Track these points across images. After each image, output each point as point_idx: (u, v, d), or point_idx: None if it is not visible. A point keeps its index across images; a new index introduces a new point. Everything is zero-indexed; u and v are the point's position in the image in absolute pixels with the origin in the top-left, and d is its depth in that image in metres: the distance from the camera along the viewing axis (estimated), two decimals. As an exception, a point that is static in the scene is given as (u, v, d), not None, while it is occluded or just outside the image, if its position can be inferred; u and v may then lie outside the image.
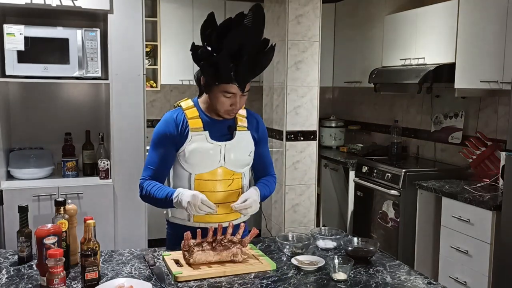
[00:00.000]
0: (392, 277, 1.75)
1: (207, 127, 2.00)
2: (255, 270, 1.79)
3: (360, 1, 4.63)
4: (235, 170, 2.03)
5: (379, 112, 4.91)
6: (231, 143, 2.01)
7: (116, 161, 3.35)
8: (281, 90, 4.12)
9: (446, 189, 3.22)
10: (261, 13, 1.90)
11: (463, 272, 3.05)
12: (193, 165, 1.98)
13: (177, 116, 2.01)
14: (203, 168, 1.98)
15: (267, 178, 2.18)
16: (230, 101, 1.94)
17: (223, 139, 2.01)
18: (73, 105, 3.65)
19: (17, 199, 3.01)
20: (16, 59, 3.10)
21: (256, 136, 2.12)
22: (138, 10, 3.32)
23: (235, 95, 1.93)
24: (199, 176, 1.99)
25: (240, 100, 1.95)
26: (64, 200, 1.78)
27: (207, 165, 1.98)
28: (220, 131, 2.02)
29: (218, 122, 2.03)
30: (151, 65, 4.80)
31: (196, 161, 1.97)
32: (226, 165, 2.00)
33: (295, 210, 4.20)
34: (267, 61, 1.97)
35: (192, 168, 1.98)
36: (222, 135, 2.02)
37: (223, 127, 2.03)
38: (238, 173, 2.05)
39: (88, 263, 1.60)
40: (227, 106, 1.95)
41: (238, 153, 2.03)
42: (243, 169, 2.07)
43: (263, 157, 2.18)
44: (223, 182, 2.01)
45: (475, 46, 3.26)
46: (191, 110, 2.02)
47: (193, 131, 1.98)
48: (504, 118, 3.43)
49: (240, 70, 1.86)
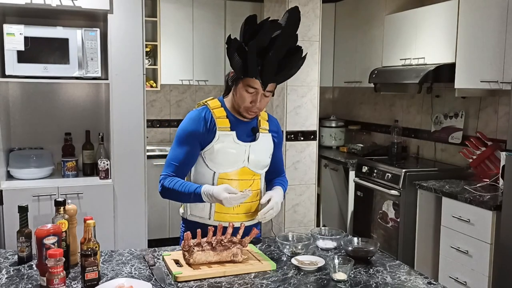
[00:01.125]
0: (392, 277, 1.75)
1: (233, 127, 2.03)
2: (255, 270, 1.79)
3: (360, 1, 4.63)
4: (255, 171, 2.08)
5: (379, 112, 4.91)
6: (255, 144, 2.06)
7: (116, 161, 3.35)
8: (281, 90, 4.12)
9: (446, 189, 3.22)
10: (296, 16, 1.93)
11: (463, 272, 3.05)
12: (219, 164, 2.01)
13: (205, 115, 2.02)
14: (228, 167, 2.01)
15: (282, 179, 2.25)
16: (251, 97, 1.97)
17: (247, 140, 2.06)
18: (73, 105, 3.65)
19: (17, 199, 3.01)
20: (16, 59, 3.10)
21: (276, 139, 2.17)
22: (138, 10, 3.31)
23: (257, 92, 1.96)
24: (223, 175, 2.02)
25: (261, 99, 1.98)
26: (64, 200, 1.78)
27: (232, 164, 2.02)
28: (245, 131, 2.06)
29: (243, 123, 2.06)
30: (151, 65, 4.80)
31: (222, 160, 2.00)
32: (249, 165, 2.05)
33: (295, 210, 4.20)
34: (295, 67, 1.99)
35: (217, 167, 2.01)
36: (246, 136, 2.06)
37: (247, 128, 2.07)
38: (258, 174, 2.10)
39: (88, 263, 1.60)
40: (247, 103, 1.98)
41: (260, 155, 2.08)
42: (262, 170, 2.12)
43: (278, 159, 2.23)
44: (244, 182, 2.05)
45: (475, 46, 3.26)
46: (219, 110, 2.04)
47: (220, 130, 2.00)
48: (504, 118, 3.43)
49: (265, 65, 1.89)
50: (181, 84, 4.91)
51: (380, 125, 4.88)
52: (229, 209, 2.02)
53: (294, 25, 1.93)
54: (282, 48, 1.90)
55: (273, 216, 2.05)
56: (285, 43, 1.90)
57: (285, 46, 1.91)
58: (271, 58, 1.88)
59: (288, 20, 1.90)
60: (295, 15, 1.92)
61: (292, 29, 1.93)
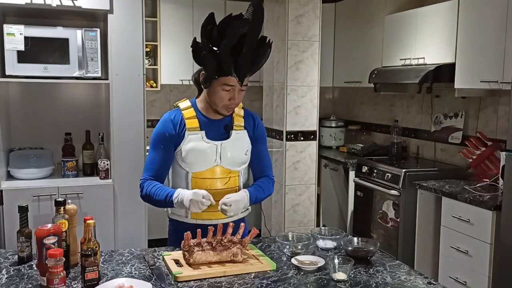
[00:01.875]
0: (392, 277, 1.75)
1: (203, 126, 2.05)
2: (255, 270, 1.79)
3: (360, 1, 4.63)
4: (231, 169, 2.08)
5: (379, 112, 4.91)
6: (227, 142, 2.06)
7: (116, 161, 3.35)
8: (281, 90, 4.12)
9: (446, 189, 3.22)
10: (260, 9, 1.95)
11: (463, 272, 3.05)
12: (190, 164, 2.03)
13: (174, 117, 2.06)
14: (200, 166, 2.03)
15: (262, 180, 2.18)
16: (229, 95, 1.98)
17: (219, 138, 2.06)
18: (73, 105, 3.65)
19: (17, 199, 3.01)
20: (16, 59, 3.10)
21: (252, 135, 2.15)
22: (138, 10, 3.31)
23: (233, 89, 1.97)
24: (196, 174, 2.04)
25: (238, 95, 1.99)
26: (64, 200, 1.78)
27: (203, 163, 2.03)
28: (217, 130, 2.07)
29: (215, 121, 2.07)
30: (151, 65, 4.80)
31: (193, 160, 2.02)
32: (223, 163, 2.05)
33: (295, 210, 4.20)
34: (264, 57, 2.01)
35: (189, 166, 2.03)
36: (219, 134, 2.06)
37: (220, 127, 2.08)
38: (235, 171, 2.09)
39: (88, 263, 1.60)
40: (225, 101, 1.99)
41: (234, 152, 2.07)
42: (239, 168, 2.11)
43: (261, 157, 2.19)
44: (219, 180, 2.05)
45: (475, 46, 3.26)
46: (188, 111, 2.07)
47: (189, 131, 2.03)
48: (504, 118, 3.43)
49: (240, 62, 1.92)
50: (181, 84, 4.91)
51: (380, 125, 4.88)
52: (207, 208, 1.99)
53: (260, 18, 1.95)
54: (253, 42, 1.93)
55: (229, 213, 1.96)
56: (255, 37, 1.93)
57: (255, 39, 1.94)
58: (246, 54, 1.91)
59: (253, 13, 1.93)
60: (259, 8, 1.95)
61: (259, 21, 1.95)
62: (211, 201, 1.92)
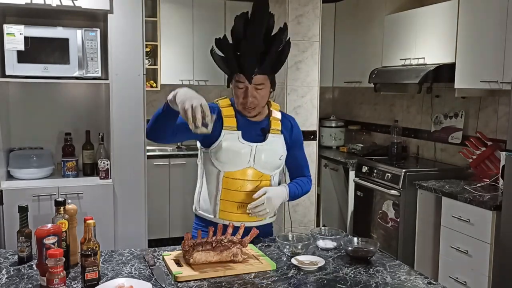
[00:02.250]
0: (392, 277, 1.75)
1: (241, 126, 2.04)
2: (255, 270, 1.78)
3: (360, 1, 4.63)
4: (264, 172, 2.07)
5: (379, 112, 4.91)
6: (262, 145, 2.05)
7: (116, 161, 3.35)
8: (281, 90, 4.12)
9: (446, 189, 3.22)
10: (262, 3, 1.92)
11: (463, 272, 3.05)
12: (223, 162, 2.02)
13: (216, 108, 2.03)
14: (232, 166, 2.02)
15: (301, 179, 2.22)
16: (243, 93, 1.99)
17: (255, 140, 2.05)
18: (73, 105, 3.65)
19: (17, 199, 3.00)
20: (16, 59, 3.10)
21: (289, 140, 2.16)
22: (138, 10, 3.31)
23: (246, 87, 1.97)
24: (228, 174, 2.03)
25: (252, 93, 1.97)
26: (64, 200, 1.78)
27: (237, 164, 2.02)
28: (254, 132, 2.07)
29: (253, 123, 2.08)
30: (151, 65, 4.80)
31: (226, 159, 2.01)
32: (256, 166, 2.04)
33: (295, 210, 4.20)
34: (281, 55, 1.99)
35: (222, 165, 2.03)
36: (255, 136, 2.06)
37: (257, 129, 2.08)
38: (267, 175, 2.09)
39: (88, 263, 1.60)
40: (241, 99, 2.00)
41: (269, 156, 2.06)
42: (272, 172, 2.10)
43: (298, 159, 2.23)
44: (251, 183, 2.05)
45: (475, 46, 3.26)
46: (228, 109, 2.06)
47: (226, 129, 2.02)
48: (504, 118, 3.43)
49: (242, 57, 1.92)
50: (181, 84, 4.91)
51: (380, 125, 4.88)
52: (234, 207, 2.04)
53: (261, 14, 1.92)
54: (255, 38, 1.91)
55: (267, 212, 2.02)
56: (256, 31, 1.91)
57: (257, 34, 1.91)
58: (245, 49, 1.90)
59: (254, 7, 1.92)
60: (261, 3, 1.93)
61: (262, 14, 1.92)
62: (205, 116, 1.68)
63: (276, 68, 2.03)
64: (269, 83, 2.03)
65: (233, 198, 2.05)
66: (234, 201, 2.05)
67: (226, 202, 2.03)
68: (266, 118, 2.11)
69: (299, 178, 2.22)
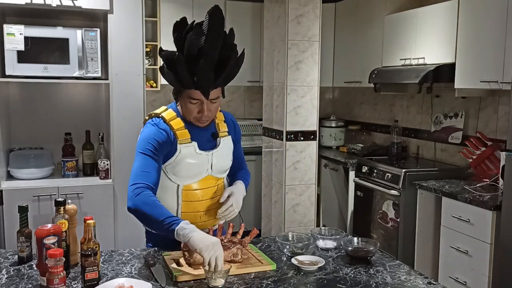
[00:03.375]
0: (392, 277, 1.75)
1: (193, 137, 1.96)
2: (255, 270, 1.78)
3: (360, 1, 4.63)
4: (219, 176, 2.06)
5: (379, 112, 4.91)
6: (217, 150, 2.01)
7: (116, 161, 3.35)
8: (281, 90, 4.12)
9: (446, 189, 3.22)
10: (216, 17, 1.82)
11: (463, 272, 3.05)
12: (182, 177, 1.95)
13: (163, 126, 1.93)
14: (192, 178, 1.97)
15: (242, 172, 2.21)
16: (197, 107, 1.89)
17: (208, 147, 2.00)
18: (73, 105, 3.65)
19: (17, 199, 3.01)
20: (16, 59, 3.10)
21: (234, 138, 2.13)
22: (138, 10, 3.32)
23: (201, 102, 1.88)
24: (187, 187, 1.98)
25: (208, 107, 1.89)
26: (64, 200, 1.78)
27: (196, 175, 1.97)
28: (204, 138, 2.00)
29: (201, 129, 1.99)
30: (151, 65, 4.80)
31: (186, 172, 1.95)
32: (213, 173, 2.02)
33: (295, 210, 4.20)
34: (234, 68, 1.89)
35: (181, 179, 1.96)
36: (207, 142, 2.00)
37: (206, 135, 2.01)
38: (221, 178, 2.09)
39: (88, 263, 1.60)
40: (195, 113, 1.91)
41: (223, 160, 2.04)
42: (225, 174, 2.10)
43: (239, 155, 2.20)
44: (209, 190, 2.03)
45: (475, 46, 3.26)
46: (176, 121, 1.95)
47: (181, 143, 1.93)
48: (504, 118, 3.43)
49: (199, 75, 1.80)
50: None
51: (380, 125, 4.88)
52: (197, 217, 1.99)
53: (218, 27, 1.81)
54: (212, 53, 1.81)
55: (235, 213, 2.02)
56: (213, 47, 1.81)
57: (214, 50, 1.81)
58: (204, 66, 1.79)
59: (210, 22, 1.80)
60: (217, 14, 1.82)
61: (218, 29, 1.82)
62: (217, 269, 1.66)
63: (230, 79, 1.93)
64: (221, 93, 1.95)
65: (194, 209, 2.00)
66: (196, 212, 2.00)
67: (188, 214, 1.96)
68: (212, 122, 2.03)
69: (241, 172, 2.20)
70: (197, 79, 1.82)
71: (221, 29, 1.83)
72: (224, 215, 2.00)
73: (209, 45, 1.80)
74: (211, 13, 1.82)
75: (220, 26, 1.83)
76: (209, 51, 1.80)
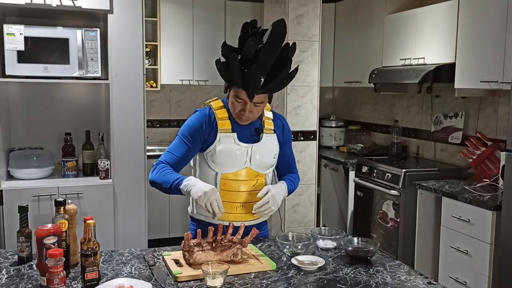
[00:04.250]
0: (392, 277, 1.75)
1: (235, 128, 2.05)
2: (255, 270, 1.78)
3: (360, 1, 4.63)
4: (259, 171, 2.10)
5: (379, 112, 4.91)
6: (257, 145, 2.07)
7: (116, 161, 3.35)
8: (281, 90, 4.11)
9: (446, 189, 3.22)
10: (281, 29, 1.91)
11: (463, 272, 3.05)
12: (220, 165, 2.04)
13: (208, 114, 2.06)
14: (230, 168, 2.04)
15: (292, 175, 2.26)
16: (240, 106, 2.00)
17: (250, 141, 2.07)
18: (73, 105, 3.65)
19: (17, 199, 3.01)
20: (16, 59, 3.10)
21: (281, 138, 2.18)
22: (138, 10, 3.31)
23: (245, 102, 1.98)
24: (225, 175, 2.05)
25: (250, 109, 1.99)
26: (64, 200, 1.78)
27: (234, 165, 2.04)
28: (248, 132, 2.08)
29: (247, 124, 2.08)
30: (151, 65, 4.80)
31: (223, 161, 2.03)
32: (252, 166, 2.07)
33: (295, 210, 4.20)
34: (284, 80, 1.99)
35: (219, 168, 2.04)
36: (249, 136, 2.08)
37: (250, 129, 2.09)
38: (262, 174, 2.12)
39: (88, 263, 1.60)
40: (237, 110, 2.01)
41: (264, 155, 2.09)
42: (267, 171, 2.13)
43: (287, 157, 2.25)
44: (247, 183, 2.08)
45: (475, 46, 3.26)
46: (221, 111, 2.06)
47: (221, 132, 2.03)
48: (504, 118, 3.43)
49: (248, 77, 1.90)
50: (181, 84, 4.91)
51: (380, 125, 4.88)
52: (233, 208, 2.06)
53: (278, 39, 1.91)
54: (266, 61, 1.90)
55: (272, 210, 2.06)
56: (267, 57, 1.90)
57: (267, 60, 1.91)
58: (253, 71, 1.89)
59: (271, 34, 1.89)
60: (280, 28, 1.91)
61: (277, 42, 1.91)
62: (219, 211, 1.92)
63: (279, 90, 2.05)
64: (267, 98, 2.05)
65: (231, 199, 2.06)
66: (233, 202, 2.07)
67: (224, 203, 2.01)
68: (259, 118, 2.12)
69: (290, 175, 2.26)
70: (245, 81, 1.91)
71: (279, 43, 1.92)
72: (259, 210, 2.04)
73: (264, 54, 1.89)
74: (274, 25, 1.91)
75: (279, 40, 1.92)
76: (262, 60, 1.89)
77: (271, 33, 1.90)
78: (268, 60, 1.91)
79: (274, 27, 1.90)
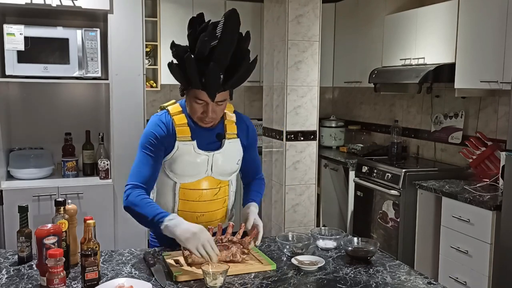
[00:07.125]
0: (392, 277, 1.75)
1: (195, 135, 1.92)
2: (255, 270, 1.78)
3: (360, 1, 4.63)
4: (222, 179, 1.98)
5: (379, 112, 4.91)
6: (219, 152, 1.95)
7: (116, 161, 3.35)
8: (281, 90, 4.12)
9: (446, 189, 3.22)
10: (232, 22, 1.78)
11: (463, 272, 3.05)
12: (179, 175, 1.92)
13: (165, 119, 1.93)
14: (189, 178, 1.93)
15: (257, 183, 2.15)
16: (201, 108, 1.86)
17: (211, 148, 1.94)
18: (73, 105, 3.65)
19: (17, 199, 3.01)
20: (16, 59, 3.10)
21: (246, 142, 2.05)
22: (138, 10, 3.32)
23: (206, 103, 1.84)
24: (184, 185, 1.94)
25: (213, 109, 1.85)
26: (64, 200, 1.78)
27: (194, 175, 1.93)
28: (208, 138, 1.95)
29: (207, 129, 1.94)
30: (151, 65, 4.80)
31: (182, 171, 1.91)
32: (213, 174, 1.95)
33: (295, 210, 4.20)
34: (245, 73, 1.85)
35: (178, 177, 1.93)
36: (210, 143, 1.95)
37: (211, 135, 1.96)
38: (225, 181, 2.01)
39: (88, 263, 1.60)
40: (198, 113, 1.88)
41: (226, 163, 1.97)
42: (230, 177, 2.02)
43: (253, 161, 2.13)
44: (209, 192, 1.97)
45: (475, 46, 3.26)
46: (179, 117, 1.93)
47: (180, 140, 1.90)
48: (504, 118, 3.43)
49: (208, 76, 1.77)
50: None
51: (380, 125, 4.88)
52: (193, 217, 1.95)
53: (233, 31, 1.78)
54: (224, 57, 1.77)
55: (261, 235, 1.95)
56: (225, 52, 1.77)
57: (226, 54, 1.77)
58: (213, 69, 1.75)
59: (225, 26, 1.76)
60: (233, 19, 1.77)
61: (232, 35, 1.78)
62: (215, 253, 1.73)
63: (240, 84, 1.88)
64: (229, 95, 1.90)
65: (191, 208, 1.96)
66: (192, 212, 1.97)
67: (184, 213, 1.93)
68: (220, 122, 1.98)
69: (255, 184, 2.13)
70: (205, 81, 1.78)
71: (234, 35, 1.79)
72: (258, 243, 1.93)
73: (220, 49, 1.76)
74: (227, 16, 1.77)
75: (234, 31, 1.79)
76: (220, 55, 1.76)
77: (224, 26, 1.75)
78: (226, 55, 1.77)
79: (227, 19, 1.76)
